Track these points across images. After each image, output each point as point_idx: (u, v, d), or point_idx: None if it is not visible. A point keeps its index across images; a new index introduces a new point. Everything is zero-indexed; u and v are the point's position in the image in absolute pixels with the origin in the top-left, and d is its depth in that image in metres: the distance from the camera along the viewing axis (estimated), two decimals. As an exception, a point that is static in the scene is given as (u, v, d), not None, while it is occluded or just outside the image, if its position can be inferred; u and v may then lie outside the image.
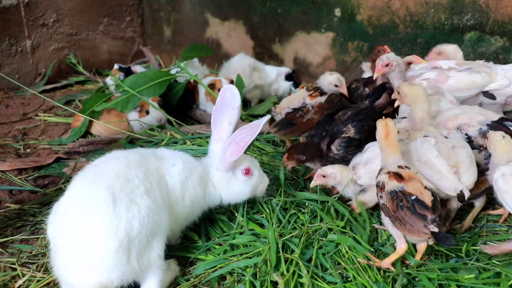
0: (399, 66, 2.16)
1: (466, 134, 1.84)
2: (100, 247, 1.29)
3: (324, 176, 1.80)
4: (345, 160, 1.86)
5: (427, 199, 1.49)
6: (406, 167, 1.58)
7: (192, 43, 3.73)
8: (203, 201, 1.68)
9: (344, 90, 2.26)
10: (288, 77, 3.46)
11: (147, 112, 2.77)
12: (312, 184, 1.83)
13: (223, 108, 1.69)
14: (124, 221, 1.32)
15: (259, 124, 1.60)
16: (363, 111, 1.92)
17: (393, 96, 1.97)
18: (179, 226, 1.63)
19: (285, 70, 3.48)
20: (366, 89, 2.28)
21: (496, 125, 1.81)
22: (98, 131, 2.78)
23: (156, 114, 2.78)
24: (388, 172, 1.56)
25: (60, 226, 1.35)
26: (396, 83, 2.17)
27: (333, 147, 1.79)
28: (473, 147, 1.79)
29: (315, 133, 1.90)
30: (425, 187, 1.53)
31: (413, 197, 1.49)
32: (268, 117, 1.64)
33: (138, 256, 1.35)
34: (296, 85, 3.46)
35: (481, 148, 1.79)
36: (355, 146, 1.84)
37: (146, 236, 1.36)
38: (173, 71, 3.07)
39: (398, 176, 1.55)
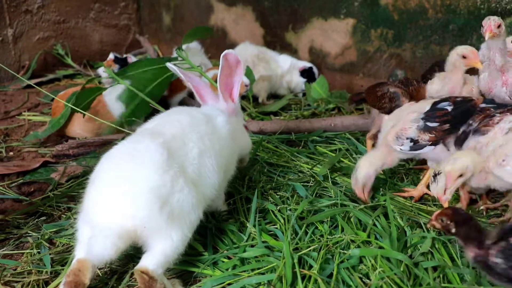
0: (503, 35, 2.07)
1: None
2: (139, 184, 1.42)
3: None
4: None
5: None
6: None
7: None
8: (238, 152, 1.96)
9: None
10: (304, 73, 3.45)
11: None
12: None
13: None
14: (173, 172, 1.48)
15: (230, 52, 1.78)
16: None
17: None
18: (226, 183, 1.85)
19: (301, 64, 3.46)
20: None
21: None
22: (76, 134, 2.76)
23: None
24: None
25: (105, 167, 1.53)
26: (498, 59, 2.06)
27: None
28: None
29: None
30: None
31: None
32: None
33: (170, 213, 1.45)
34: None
35: None
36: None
37: (188, 203, 1.50)
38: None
39: None
